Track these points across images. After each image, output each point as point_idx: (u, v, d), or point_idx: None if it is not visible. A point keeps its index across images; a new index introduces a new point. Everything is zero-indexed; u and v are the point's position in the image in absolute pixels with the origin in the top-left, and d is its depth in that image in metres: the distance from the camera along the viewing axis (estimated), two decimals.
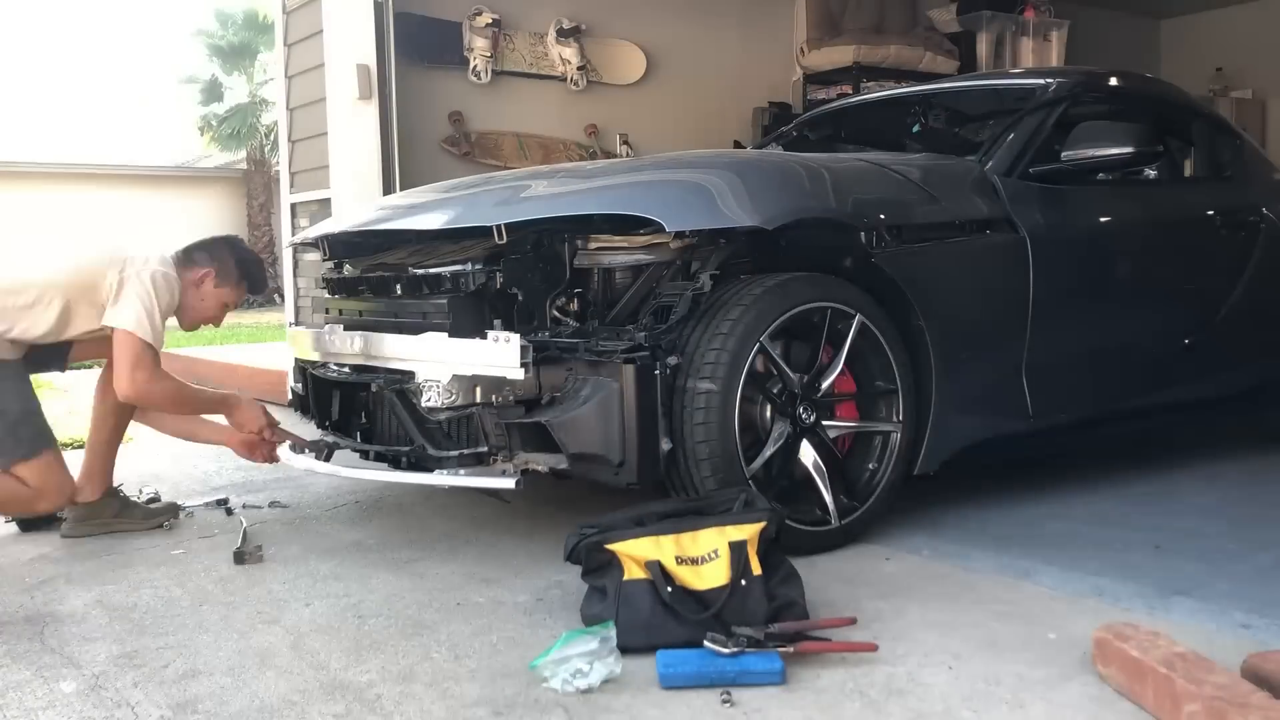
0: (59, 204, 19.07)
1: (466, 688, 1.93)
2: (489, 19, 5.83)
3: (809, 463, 2.67)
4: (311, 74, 5.38)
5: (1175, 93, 4.03)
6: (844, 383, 2.80)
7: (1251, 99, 9.08)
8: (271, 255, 20.02)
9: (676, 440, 2.51)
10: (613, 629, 1.99)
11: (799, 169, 2.84)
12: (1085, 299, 3.30)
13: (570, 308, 2.72)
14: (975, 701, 1.83)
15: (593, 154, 6.29)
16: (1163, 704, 1.72)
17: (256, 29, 19.26)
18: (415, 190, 3.56)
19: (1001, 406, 3.11)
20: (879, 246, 2.81)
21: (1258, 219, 3.80)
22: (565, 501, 3.25)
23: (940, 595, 2.39)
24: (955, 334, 2.93)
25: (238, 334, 11.73)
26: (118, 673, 2.04)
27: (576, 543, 2.17)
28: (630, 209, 2.57)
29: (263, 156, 20.21)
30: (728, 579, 2.08)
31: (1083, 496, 3.29)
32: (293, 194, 5.69)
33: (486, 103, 5.95)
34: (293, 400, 3.47)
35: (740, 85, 6.92)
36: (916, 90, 4.25)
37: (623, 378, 2.44)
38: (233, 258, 3.18)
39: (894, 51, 6.97)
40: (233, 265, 3.17)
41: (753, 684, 1.89)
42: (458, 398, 2.54)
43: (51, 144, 20.10)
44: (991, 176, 3.15)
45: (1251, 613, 2.23)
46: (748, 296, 2.59)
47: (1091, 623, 2.04)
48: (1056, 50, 7.69)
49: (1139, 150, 3.16)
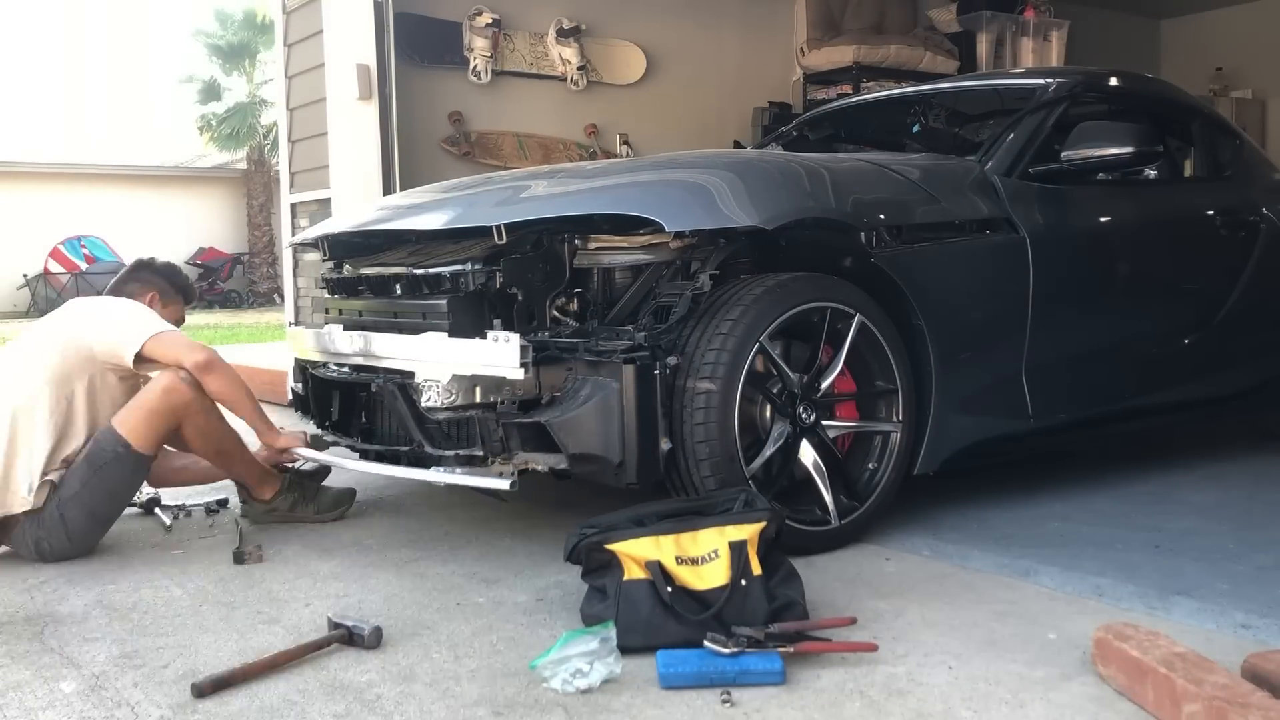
0: (59, 204, 19.09)
1: (467, 687, 1.93)
2: (489, 19, 5.83)
3: (809, 463, 2.67)
4: (312, 74, 5.39)
5: (1175, 93, 4.03)
6: (844, 383, 2.80)
7: (1251, 99, 9.08)
8: (271, 255, 20.08)
9: (676, 440, 2.51)
10: (613, 629, 1.99)
11: (799, 169, 2.84)
12: (1085, 299, 3.30)
13: (570, 308, 2.72)
14: (975, 701, 1.83)
15: (593, 154, 6.29)
16: (1163, 704, 1.72)
17: (256, 29, 19.28)
18: (415, 190, 3.56)
19: (1001, 406, 3.11)
20: (879, 246, 2.81)
21: (1258, 219, 3.80)
22: (565, 502, 3.25)
23: (940, 595, 2.39)
24: (955, 334, 2.93)
25: (238, 334, 11.73)
26: (118, 673, 2.04)
27: (577, 543, 2.17)
28: (630, 209, 2.58)
29: (262, 156, 20.24)
30: (728, 579, 2.08)
31: (1083, 496, 3.29)
32: (293, 194, 5.69)
33: (486, 103, 5.95)
34: (293, 400, 3.47)
35: (740, 85, 6.92)
36: (916, 90, 4.25)
37: (622, 378, 2.44)
38: (162, 277, 3.28)
39: (894, 51, 6.97)
40: (166, 283, 3.27)
41: (753, 684, 1.89)
42: (457, 397, 2.55)
43: (51, 144, 20.08)
44: (991, 176, 3.15)
45: (1251, 613, 2.23)
46: (747, 296, 2.59)
47: (1091, 623, 2.04)
48: (1056, 50, 7.69)
49: (1139, 150, 3.16)
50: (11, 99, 21.91)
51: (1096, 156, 3.20)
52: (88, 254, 19.12)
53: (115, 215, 19.64)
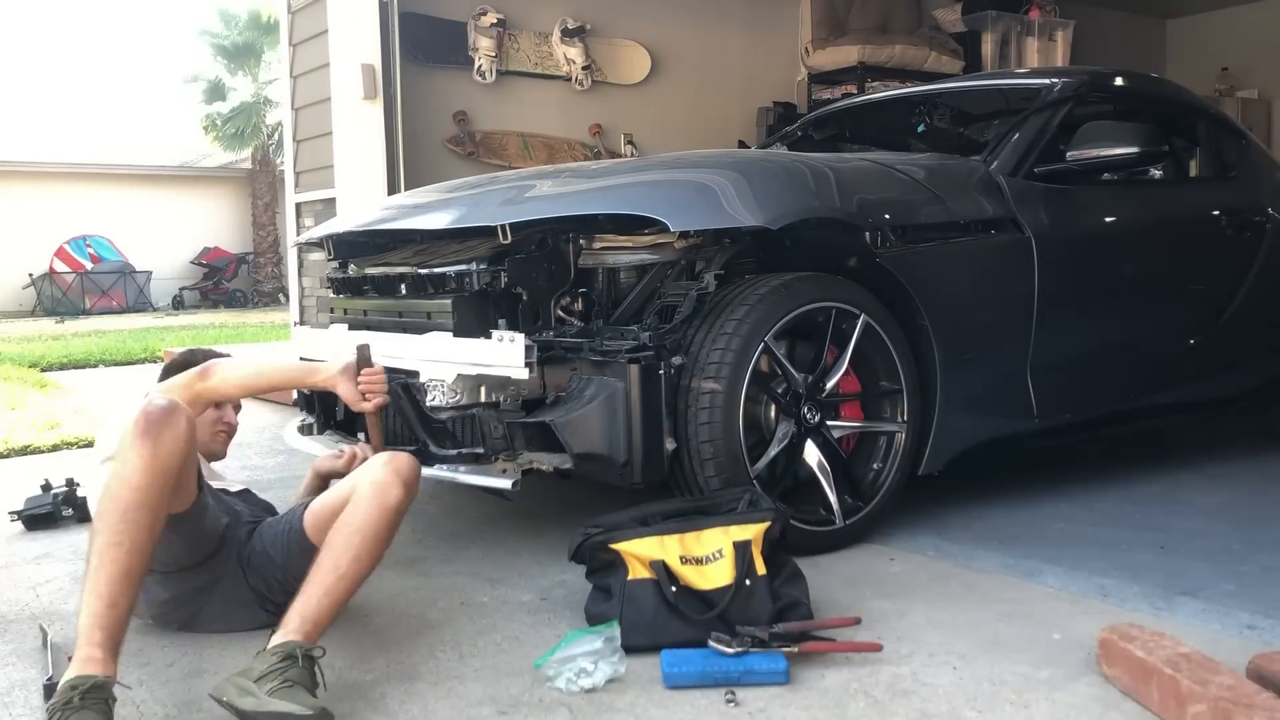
0: (64, 203, 19.12)
1: (471, 687, 1.93)
2: (494, 19, 5.84)
3: (813, 463, 2.67)
4: (316, 74, 5.40)
5: (1181, 93, 4.03)
6: (848, 383, 2.80)
7: (1257, 99, 9.07)
8: (276, 255, 20.10)
9: (681, 440, 2.51)
10: (617, 628, 1.99)
11: (804, 169, 2.84)
12: (1090, 299, 3.29)
13: (575, 307, 2.72)
14: (980, 702, 1.83)
15: (597, 154, 6.29)
16: (1168, 705, 1.72)
17: (261, 29, 19.29)
18: (420, 190, 3.57)
19: (1006, 406, 3.11)
20: (884, 246, 2.81)
21: (1263, 219, 3.79)
22: (570, 501, 3.25)
23: (945, 595, 2.39)
24: (960, 334, 2.93)
25: (243, 334, 11.75)
26: (123, 671, 2.04)
27: (581, 542, 2.17)
28: (635, 209, 2.57)
29: (267, 156, 20.26)
30: (732, 579, 2.08)
31: (1087, 496, 3.29)
32: (298, 194, 5.70)
33: (491, 102, 5.96)
34: (298, 400, 3.47)
35: (745, 85, 6.92)
36: (921, 90, 4.24)
37: (627, 377, 2.44)
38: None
39: (899, 51, 6.97)
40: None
41: (757, 684, 1.89)
42: (462, 397, 2.55)
43: (56, 143, 20.12)
44: (997, 176, 3.15)
45: (1257, 613, 2.23)
46: (752, 296, 2.59)
47: (1096, 623, 2.04)
48: (1062, 50, 7.69)
49: (1144, 150, 3.15)
50: (17, 98, 21.97)
51: (1102, 156, 3.19)
52: (93, 254, 19.15)
53: (120, 215, 19.67)
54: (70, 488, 3.30)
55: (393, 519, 2.00)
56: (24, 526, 3.21)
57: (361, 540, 1.94)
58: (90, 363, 8.64)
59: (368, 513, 1.97)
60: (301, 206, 5.67)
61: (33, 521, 3.20)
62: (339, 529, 1.97)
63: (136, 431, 1.87)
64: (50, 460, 4.35)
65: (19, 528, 3.21)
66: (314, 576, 1.91)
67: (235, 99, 20.08)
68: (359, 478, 2.05)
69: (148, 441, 1.86)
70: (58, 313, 17.61)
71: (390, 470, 2.03)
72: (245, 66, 19.93)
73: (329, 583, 1.89)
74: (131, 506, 1.82)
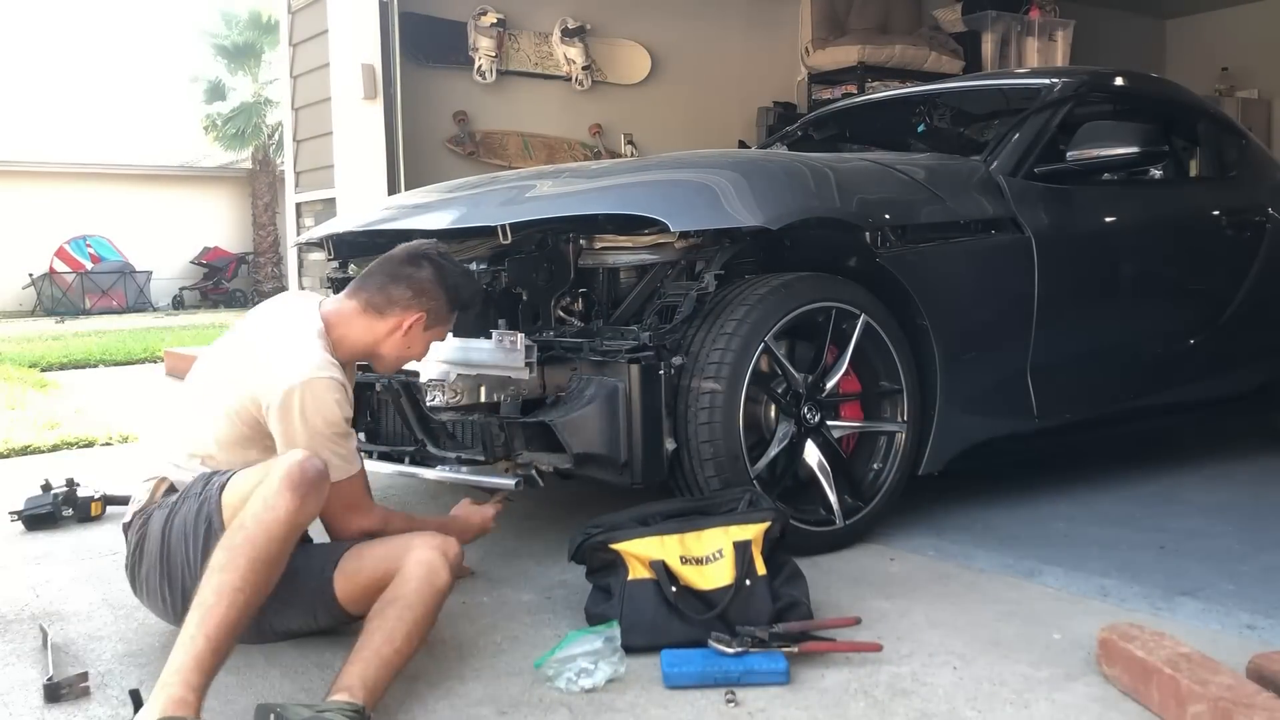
0: (64, 203, 19.11)
1: (471, 687, 1.93)
2: (494, 19, 5.84)
3: (813, 463, 2.67)
4: (317, 74, 5.40)
5: (1181, 92, 4.03)
6: (848, 383, 2.80)
7: (1257, 99, 9.07)
8: (276, 255, 20.08)
9: (681, 440, 2.51)
10: (617, 628, 1.99)
11: (804, 169, 2.84)
12: (1090, 299, 3.29)
13: (575, 307, 2.73)
14: (980, 702, 1.83)
15: (597, 154, 6.29)
16: (1167, 704, 1.72)
17: (261, 29, 19.28)
18: (420, 190, 3.57)
19: (1006, 406, 3.11)
20: (884, 246, 2.81)
21: (1263, 219, 3.79)
22: (569, 501, 3.25)
23: (945, 595, 2.39)
24: (960, 334, 2.93)
25: None
26: (123, 671, 2.05)
27: (581, 542, 2.17)
28: (635, 209, 2.58)
29: (267, 156, 20.26)
30: (732, 579, 2.08)
31: (1087, 496, 3.29)
32: (298, 193, 5.70)
33: (491, 102, 5.96)
34: None
35: (745, 85, 6.92)
36: (921, 90, 4.24)
37: (627, 378, 2.44)
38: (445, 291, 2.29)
39: (899, 51, 6.97)
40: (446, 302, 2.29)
41: (757, 684, 1.89)
42: (462, 397, 2.55)
43: (56, 143, 20.11)
44: (996, 176, 3.15)
45: (1257, 613, 2.23)
46: (752, 296, 2.59)
47: (1096, 623, 2.03)
48: (1062, 50, 7.69)
49: (1144, 150, 3.16)
50: (17, 98, 21.95)
51: (1102, 156, 3.19)
52: (93, 253, 19.15)
53: (120, 215, 19.66)
54: (70, 488, 3.29)
55: (440, 601, 1.99)
56: (24, 527, 3.21)
57: (414, 618, 1.92)
58: (90, 363, 8.64)
59: (420, 592, 1.95)
60: (301, 206, 5.67)
61: (33, 522, 3.20)
62: (391, 603, 1.94)
63: (291, 483, 1.84)
64: (50, 460, 4.35)
65: (19, 528, 3.21)
66: (369, 645, 1.87)
67: (235, 99, 20.09)
68: (406, 557, 2.01)
69: (297, 499, 1.84)
70: (58, 312, 17.60)
71: (439, 554, 2.01)
72: (245, 66, 19.93)
73: (386, 654, 1.86)
74: (263, 559, 1.79)
